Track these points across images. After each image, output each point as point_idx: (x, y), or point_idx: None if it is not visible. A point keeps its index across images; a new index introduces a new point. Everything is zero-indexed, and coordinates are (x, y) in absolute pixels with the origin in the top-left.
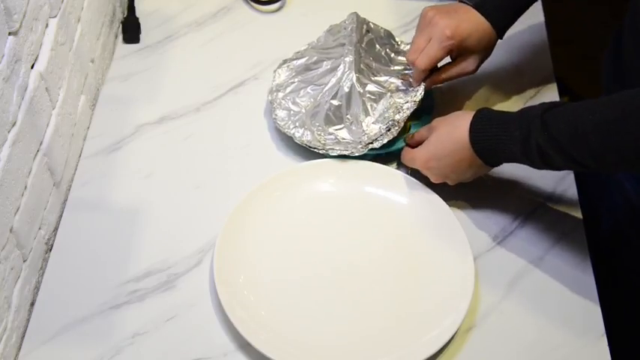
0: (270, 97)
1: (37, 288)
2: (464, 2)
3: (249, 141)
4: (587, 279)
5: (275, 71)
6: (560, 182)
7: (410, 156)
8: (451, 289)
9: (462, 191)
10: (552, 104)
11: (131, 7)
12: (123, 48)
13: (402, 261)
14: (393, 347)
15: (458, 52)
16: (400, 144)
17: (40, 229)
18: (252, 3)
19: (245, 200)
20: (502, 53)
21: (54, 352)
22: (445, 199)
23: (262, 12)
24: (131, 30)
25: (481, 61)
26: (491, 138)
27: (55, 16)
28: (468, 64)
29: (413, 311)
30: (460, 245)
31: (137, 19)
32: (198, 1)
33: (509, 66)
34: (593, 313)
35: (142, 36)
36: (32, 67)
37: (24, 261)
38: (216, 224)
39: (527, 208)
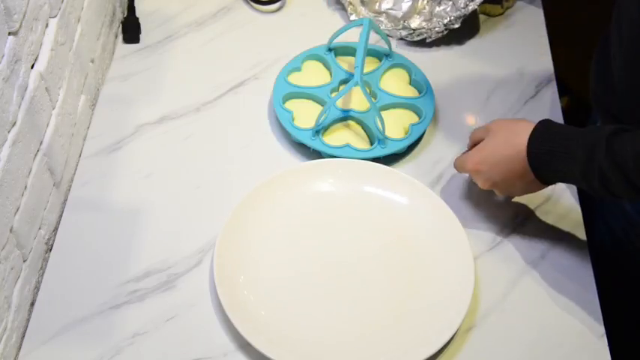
0: None
1: (37, 288)
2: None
3: (249, 141)
4: (587, 279)
5: None
6: (560, 182)
7: (462, 158)
8: (451, 289)
9: (462, 191)
10: (620, 128)
11: (131, 7)
12: (123, 48)
13: (402, 261)
14: (393, 347)
15: None
16: (401, 145)
17: (40, 229)
18: (252, 3)
19: (245, 200)
20: (502, 53)
21: (54, 352)
22: (445, 200)
23: (262, 12)
24: (131, 30)
25: None
26: (551, 153)
27: (55, 16)
28: None
29: (413, 311)
30: (460, 245)
31: (137, 19)
32: (198, 1)
33: (509, 66)
34: (593, 313)
35: (142, 36)
36: (32, 67)
37: (24, 261)
38: (216, 224)
39: (527, 208)
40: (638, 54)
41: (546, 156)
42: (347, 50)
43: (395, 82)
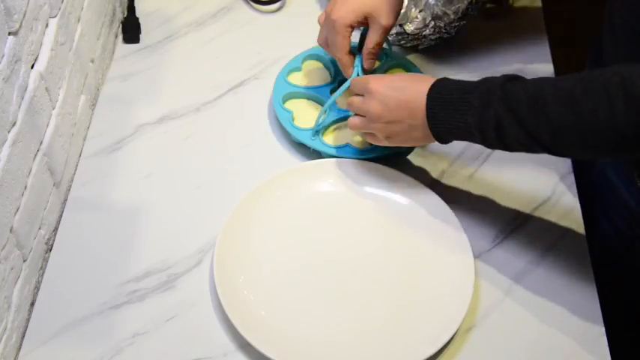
0: None
1: (37, 288)
2: None
3: (249, 141)
4: (587, 279)
5: None
6: (560, 182)
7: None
8: (451, 289)
9: (462, 191)
10: (514, 76)
11: (131, 7)
12: (123, 48)
13: (402, 261)
14: (393, 347)
15: (360, 20)
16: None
17: (40, 229)
18: (252, 3)
19: (245, 200)
20: (502, 53)
21: (54, 352)
22: (445, 200)
23: (262, 12)
24: (131, 30)
25: (394, 9)
26: (447, 104)
27: (55, 16)
28: (380, 22)
29: (413, 311)
30: (460, 245)
31: (137, 19)
32: (198, 1)
33: (510, 66)
34: (593, 313)
35: (142, 36)
36: (32, 67)
37: (24, 261)
38: (216, 224)
39: (527, 208)
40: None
41: (443, 109)
42: None
43: None
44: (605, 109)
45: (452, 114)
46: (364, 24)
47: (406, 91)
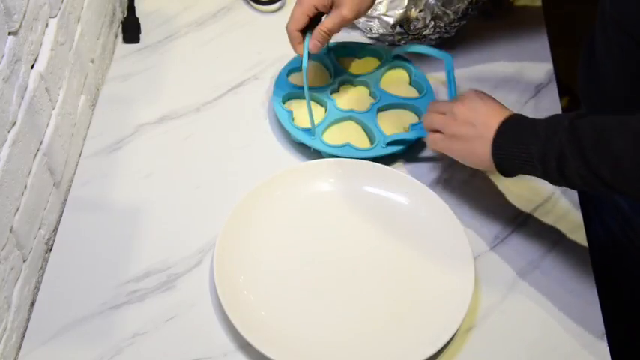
0: None
1: (37, 288)
2: None
3: (249, 141)
4: (587, 279)
5: None
6: None
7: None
8: (451, 289)
9: (462, 191)
10: (584, 114)
11: (131, 7)
12: (123, 48)
13: (402, 261)
14: (393, 347)
15: (330, 5)
16: (401, 145)
17: (40, 229)
18: (252, 3)
19: (245, 200)
20: (502, 53)
21: (54, 352)
22: (445, 200)
23: (262, 12)
24: (131, 30)
25: (359, 5)
26: (516, 136)
27: (55, 16)
28: (341, 11)
29: (413, 311)
30: (460, 245)
31: (137, 19)
32: (198, 1)
33: (509, 66)
34: (593, 313)
35: (142, 36)
36: (32, 67)
37: (24, 261)
38: (216, 224)
39: (528, 208)
40: (629, 59)
41: (510, 136)
42: (347, 51)
43: (395, 83)
44: None
45: (518, 146)
46: (330, 9)
47: (490, 106)
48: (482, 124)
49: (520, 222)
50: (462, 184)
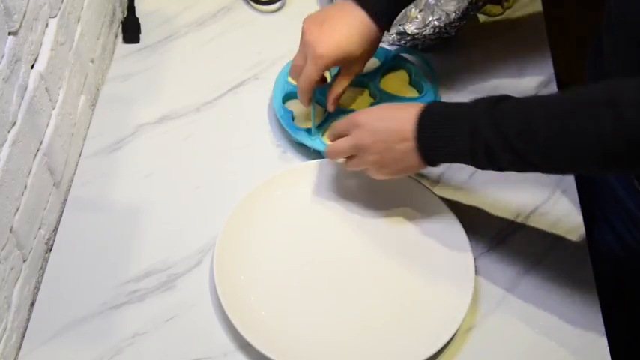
0: None
1: (37, 288)
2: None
3: (249, 141)
4: (587, 279)
5: None
6: (560, 182)
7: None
8: (451, 289)
9: (462, 191)
10: (502, 97)
11: (131, 7)
12: (123, 48)
13: (401, 261)
14: (393, 347)
15: (340, 63)
16: None
17: (40, 229)
18: (252, 3)
19: (245, 200)
20: (502, 53)
21: (54, 352)
22: (445, 200)
23: (262, 12)
24: (131, 30)
25: (367, 59)
26: (438, 135)
27: (55, 16)
28: (354, 68)
29: (413, 311)
30: (460, 245)
31: (137, 19)
32: (198, 1)
33: (510, 66)
34: (593, 313)
35: (142, 36)
36: (32, 67)
37: (24, 261)
38: (216, 224)
39: (527, 208)
40: (635, 59)
41: (432, 135)
42: None
43: (395, 83)
44: (593, 126)
45: (442, 140)
46: (340, 64)
47: (395, 119)
48: (396, 139)
49: (520, 222)
50: (462, 184)
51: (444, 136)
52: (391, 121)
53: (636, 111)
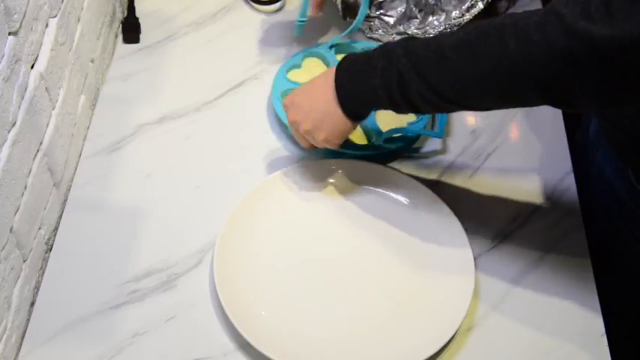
0: None
1: (37, 288)
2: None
3: (249, 141)
4: (587, 279)
5: None
6: (560, 182)
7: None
8: (451, 289)
9: (462, 191)
10: (415, 37)
11: (131, 7)
12: (123, 48)
13: (401, 261)
14: (393, 347)
15: None
16: (398, 143)
17: (40, 229)
18: (252, 3)
19: (245, 200)
20: None
21: (54, 352)
22: (445, 200)
23: (262, 12)
24: (131, 30)
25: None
26: (355, 78)
27: (55, 16)
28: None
29: (413, 311)
30: (460, 245)
31: (137, 19)
32: (198, 2)
33: None
34: (593, 313)
35: (142, 36)
36: (32, 67)
37: (24, 261)
38: (216, 224)
39: (527, 208)
40: None
41: (350, 80)
42: (347, 49)
43: None
44: (499, 48)
45: (359, 82)
46: None
47: (313, 83)
48: (319, 99)
49: (520, 222)
50: (462, 183)
51: (360, 78)
52: (310, 85)
53: (541, 33)
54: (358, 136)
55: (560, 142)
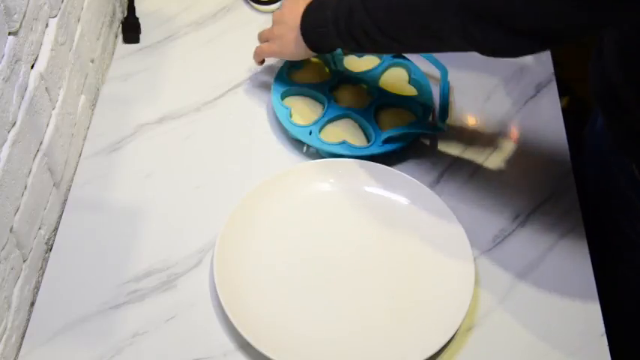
0: None
1: (37, 288)
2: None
3: (249, 141)
4: (587, 279)
5: None
6: (560, 182)
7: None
8: (451, 288)
9: (462, 191)
10: None
11: (131, 7)
12: (123, 48)
13: (402, 261)
14: (393, 347)
15: None
16: (398, 144)
17: (40, 229)
18: (252, 3)
19: (245, 200)
20: None
21: (54, 352)
22: (445, 200)
23: (262, 12)
24: (131, 30)
25: None
26: (319, 7)
27: (55, 16)
28: None
29: (413, 311)
30: (460, 245)
31: (137, 19)
32: (198, 2)
33: (510, 66)
34: (593, 313)
35: (142, 36)
36: (32, 67)
37: (24, 261)
38: (216, 224)
39: (527, 208)
40: (631, 49)
41: (315, 8)
42: None
43: (394, 81)
44: None
45: (319, 11)
46: None
47: (299, 2)
48: (290, 18)
49: (520, 222)
50: (462, 184)
51: (322, 8)
52: (296, 2)
53: None
54: (358, 138)
55: (560, 142)
